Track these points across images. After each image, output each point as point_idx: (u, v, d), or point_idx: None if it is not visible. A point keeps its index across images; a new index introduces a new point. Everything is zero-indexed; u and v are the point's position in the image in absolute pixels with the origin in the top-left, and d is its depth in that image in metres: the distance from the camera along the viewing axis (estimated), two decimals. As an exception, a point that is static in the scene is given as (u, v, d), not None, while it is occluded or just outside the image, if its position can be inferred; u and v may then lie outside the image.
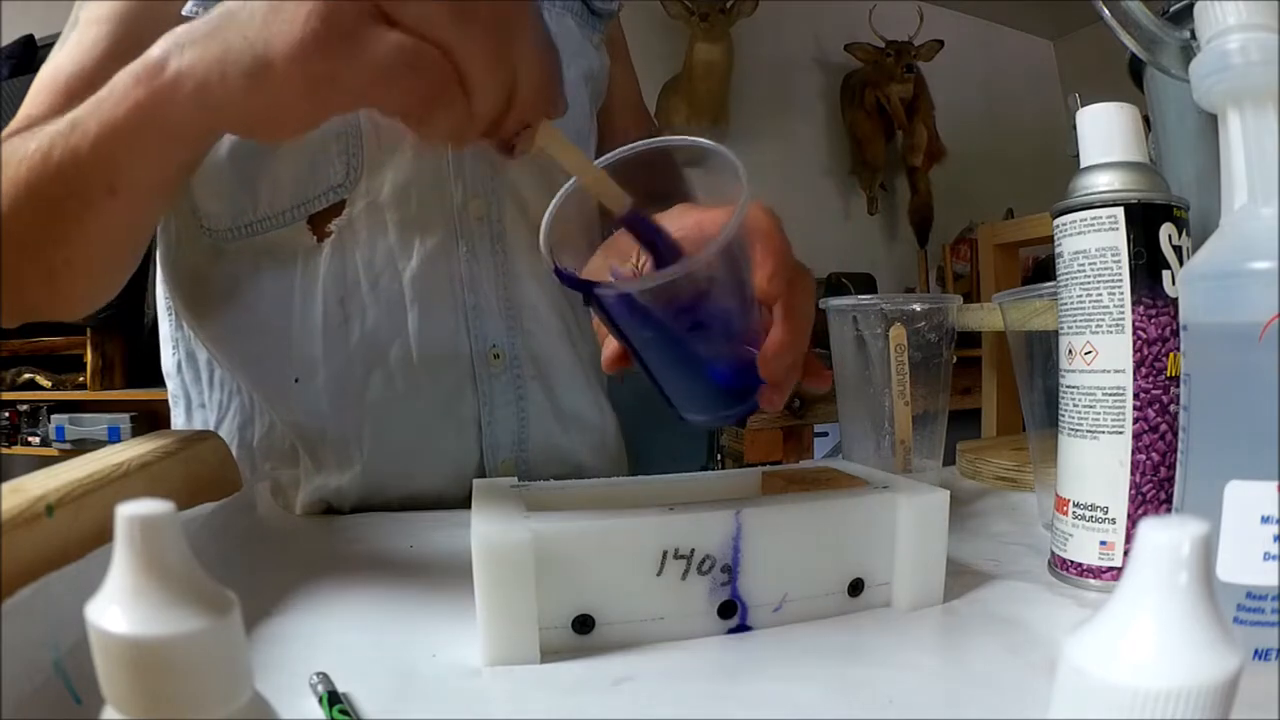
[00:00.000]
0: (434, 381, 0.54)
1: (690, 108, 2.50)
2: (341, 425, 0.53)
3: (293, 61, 0.28)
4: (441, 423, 0.55)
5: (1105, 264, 0.34)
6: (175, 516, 0.16)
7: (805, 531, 0.32)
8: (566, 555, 0.29)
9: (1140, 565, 0.16)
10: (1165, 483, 0.34)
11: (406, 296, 0.53)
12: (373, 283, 0.53)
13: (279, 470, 0.55)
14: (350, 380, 0.53)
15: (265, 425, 0.56)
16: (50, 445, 1.84)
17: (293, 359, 0.52)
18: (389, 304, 0.53)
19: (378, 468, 0.54)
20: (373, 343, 0.53)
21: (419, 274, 0.53)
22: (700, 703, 0.26)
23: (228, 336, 0.54)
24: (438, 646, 0.30)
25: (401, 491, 0.55)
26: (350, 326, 0.52)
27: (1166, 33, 0.38)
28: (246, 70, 0.29)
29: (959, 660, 0.30)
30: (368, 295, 0.53)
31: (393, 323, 0.53)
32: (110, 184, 0.37)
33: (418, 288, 0.53)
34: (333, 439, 0.53)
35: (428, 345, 0.53)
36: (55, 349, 1.90)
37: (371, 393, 0.53)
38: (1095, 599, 0.34)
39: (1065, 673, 0.16)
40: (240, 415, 0.56)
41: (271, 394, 0.54)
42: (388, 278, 0.53)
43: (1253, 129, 0.28)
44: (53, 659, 0.23)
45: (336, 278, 0.52)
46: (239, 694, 0.17)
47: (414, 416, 0.54)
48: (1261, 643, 0.26)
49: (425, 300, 0.53)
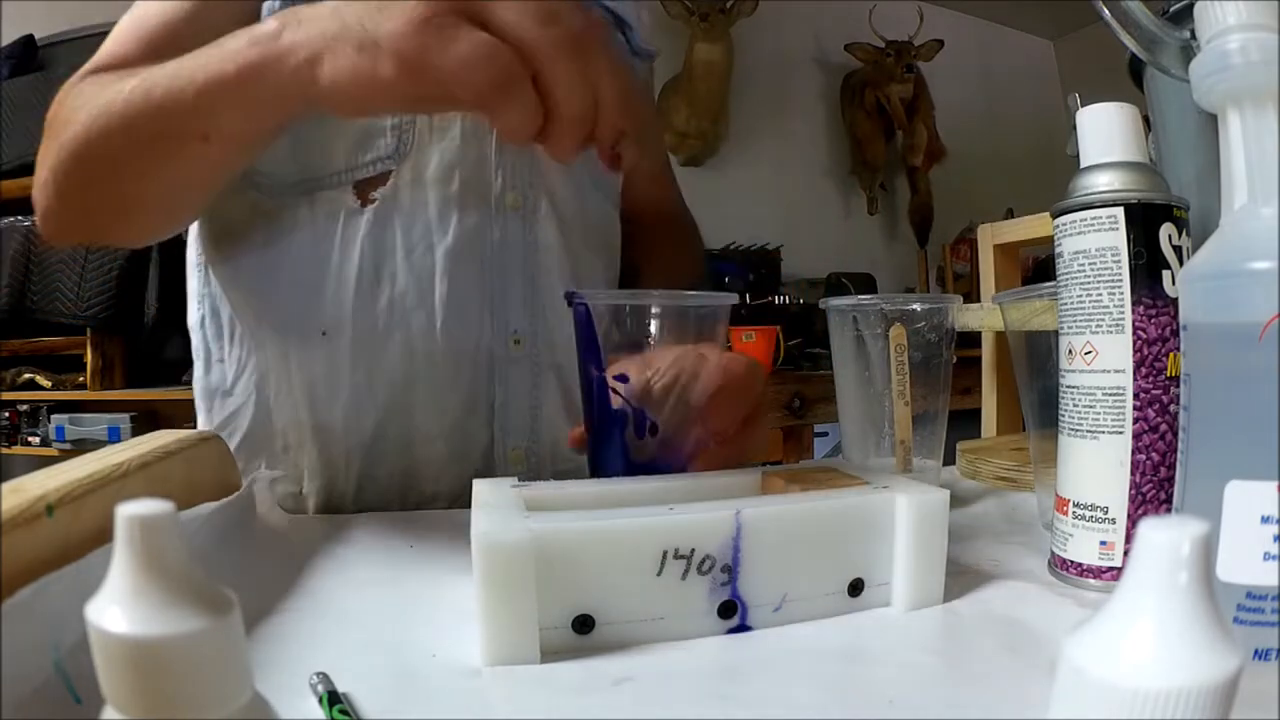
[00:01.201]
0: (453, 354, 0.56)
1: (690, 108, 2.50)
2: (357, 383, 0.55)
3: (394, 42, 0.33)
4: (455, 396, 0.56)
5: (1105, 264, 0.34)
6: (175, 516, 0.16)
7: (805, 531, 0.32)
8: (566, 555, 0.29)
9: (1140, 565, 0.16)
10: (1165, 483, 0.34)
11: (438, 270, 0.55)
12: (408, 251, 0.55)
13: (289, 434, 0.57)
14: (373, 339, 0.55)
15: (282, 383, 0.57)
16: (50, 445, 1.84)
17: (323, 313, 0.55)
18: (420, 274, 0.55)
19: (387, 432, 0.56)
20: (400, 307, 0.55)
21: (452, 250, 0.55)
22: (700, 703, 0.26)
23: (261, 287, 0.56)
24: (438, 646, 0.30)
25: (406, 461, 0.56)
26: (381, 289, 0.55)
27: (1166, 33, 0.38)
28: (355, 46, 0.34)
29: (959, 660, 0.30)
30: (401, 263, 0.55)
31: (421, 291, 0.55)
32: (205, 131, 0.41)
33: (449, 263, 0.55)
34: (347, 397, 0.55)
35: (452, 319, 0.56)
36: (55, 349, 1.90)
37: (390, 355, 0.55)
38: (1095, 599, 0.34)
39: (1065, 673, 0.16)
40: (258, 372, 0.57)
41: (298, 345, 0.56)
42: (422, 249, 0.55)
43: (1253, 129, 0.28)
44: (53, 659, 0.23)
45: (374, 242, 0.55)
46: (239, 694, 0.17)
47: (430, 386, 0.56)
48: (1261, 643, 0.26)
49: (455, 276, 0.55)
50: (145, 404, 1.85)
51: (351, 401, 0.55)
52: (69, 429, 1.82)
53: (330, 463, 0.56)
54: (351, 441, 0.56)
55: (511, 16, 0.33)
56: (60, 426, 1.83)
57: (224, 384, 0.59)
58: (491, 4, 0.33)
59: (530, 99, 0.33)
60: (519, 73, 0.32)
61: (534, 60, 0.33)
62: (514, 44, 0.32)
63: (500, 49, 0.32)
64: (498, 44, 0.32)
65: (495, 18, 0.33)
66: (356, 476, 0.56)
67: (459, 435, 0.57)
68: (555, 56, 0.33)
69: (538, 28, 0.33)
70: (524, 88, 0.33)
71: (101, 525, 0.27)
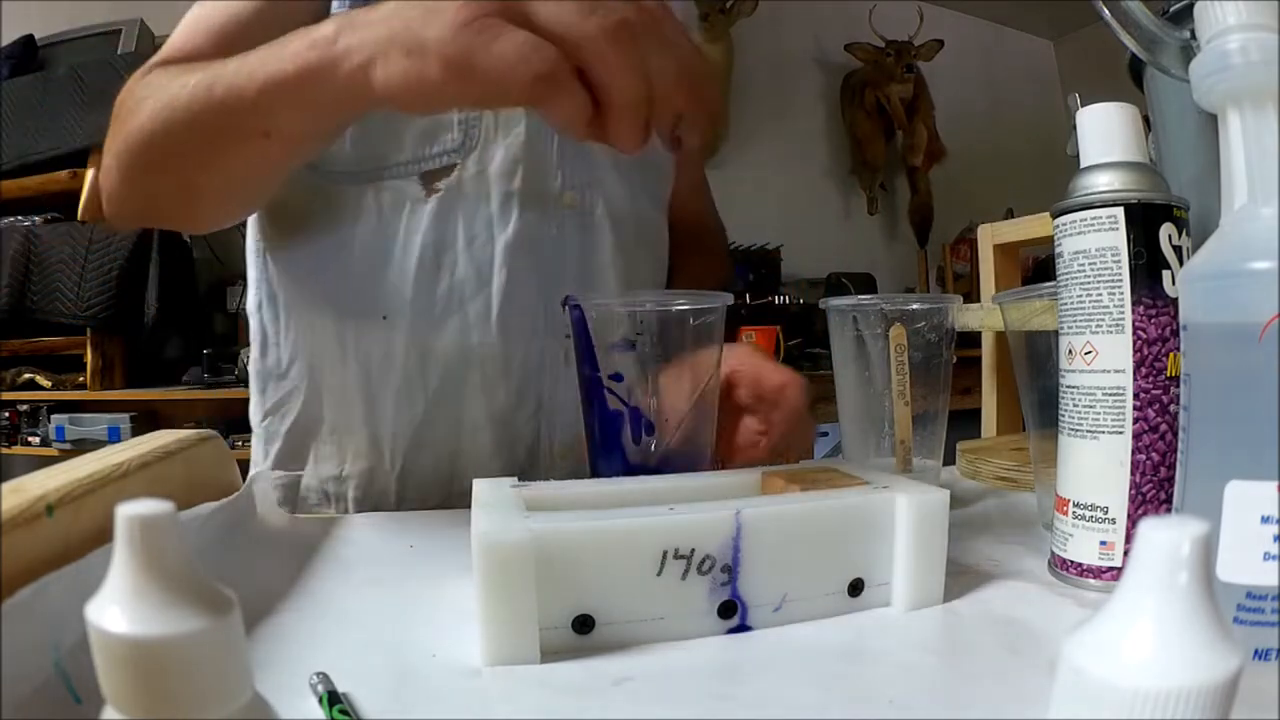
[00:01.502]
0: (506, 344, 0.57)
1: (690, 108, 2.50)
2: (409, 366, 0.57)
3: (439, 45, 0.34)
4: (505, 386, 0.58)
5: (1105, 264, 0.34)
6: (175, 516, 0.16)
7: (805, 531, 0.32)
8: (566, 555, 0.29)
9: (1140, 565, 0.16)
10: (1165, 483, 0.34)
11: (497, 260, 0.57)
12: (469, 241, 0.57)
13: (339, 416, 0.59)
14: (429, 324, 0.56)
15: (336, 366, 0.58)
16: (50, 445, 1.84)
17: (383, 298, 0.56)
18: (480, 263, 0.57)
19: (436, 418, 0.57)
20: (458, 294, 0.57)
21: (512, 244, 0.57)
22: (700, 703, 0.26)
23: (322, 271, 0.58)
24: (438, 646, 0.30)
25: (452, 450, 0.58)
26: (440, 276, 0.56)
27: (1166, 33, 0.38)
28: (404, 50, 0.35)
29: (959, 660, 0.30)
30: (462, 253, 0.57)
31: (480, 279, 0.57)
32: (265, 128, 0.42)
33: (508, 255, 0.57)
34: (399, 380, 0.57)
35: (507, 308, 0.57)
36: (55, 349, 1.90)
37: (445, 340, 0.57)
38: (1095, 599, 0.34)
39: (1065, 673, 0.16)
40: (311, 356, 0.59)
41: (355, 328, 0.57)
42: (483, 240, 0.57)
43: (1253, 129, 0.28)
44: (53, 659, 0.23)
45: (437, 231, 0.56)
46: (239, 694, 0.17)
47: (481, 374, 0.57)
48: (1261, 643, 0.26)
49: (513, 268, 0.57)
50: (145, 404, 1.85)
51: (403, 384, 0.57)
52: (69, 429, 1.82)
53: (376, 446, 0.58)
54: (400, 424, 0.57)
55: (551, 12, 0.33)
56: (60, 426, 1.83)
57: (279, 367, 0.61)
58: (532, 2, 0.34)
59: (576, 92, 0.33)
60: (561, 67, 0.33)
61: (578, 53, 0.33)
62: (557, 39, 0.33)
63: (541, 45, 0.33)
64: (539, 41, 0.33)
65: (536, 15, 0.34)
66: (401, 460, 0.58)
67: (505, 428, 0.58)
68: (599, 47, 0.33)
69: (579, 20, 0.33)
70: (568, 81, 0.33)
71: (101, 525, 0.27)
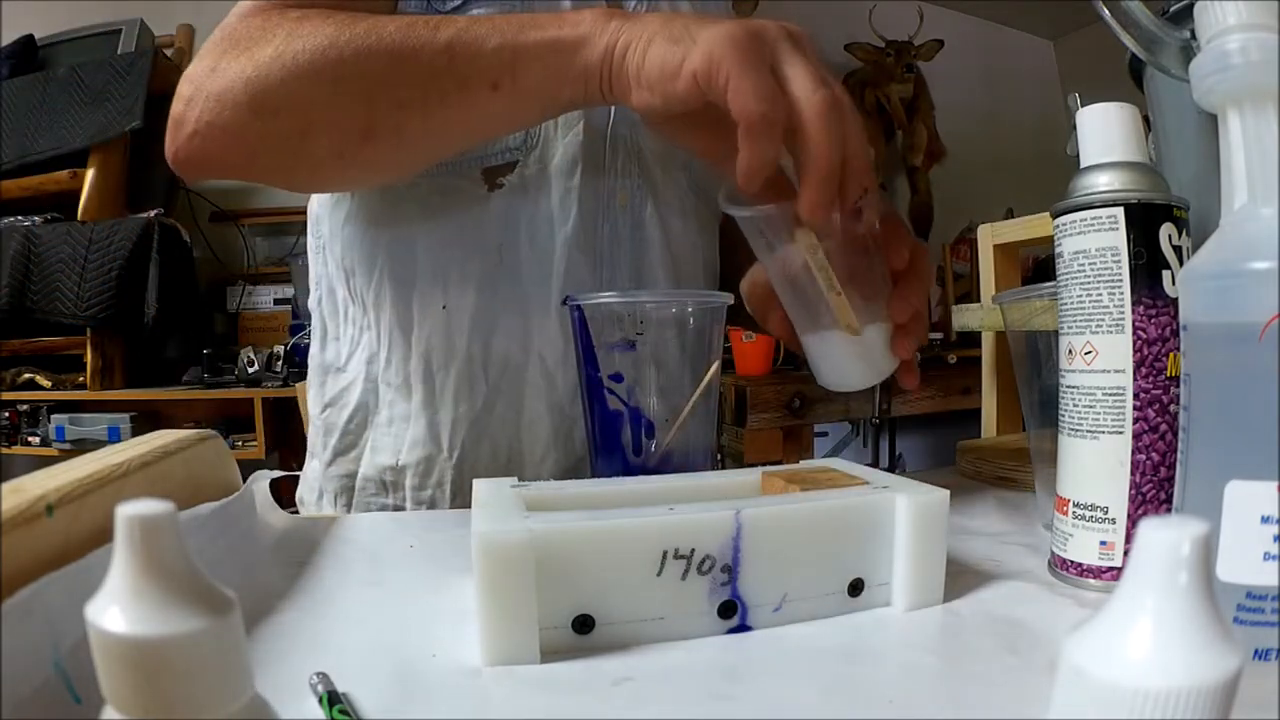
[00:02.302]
0: (565, 336, 0.58)
1: (690, 108, 2.50)
2: (469, 359, 0.58)
3: (708, 42, 0.37)
4: (563, 381, 0.59)
5: (1105, 264, 0.34)
6: (175, 516, 0.16)
7: (805, 531, 0.32)
8: (566, 555, 0.29)
9: (1140, 565, 0.16)
10: (1165, 483, 0.34)
11: (557, 253, 0.58)
12: (531, 236, 0.58)
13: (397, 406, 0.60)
14: (492, 315, 0.58)
15: (394, 357, 0.59)
16: (50, 445, 1.84)
17: (446, 287, 0.58)
18: (541, 256, 0.58)
19: (492, 405, 0.58)
20: (520, 284, 0.58)
21: (571, 239, 0.58)
22: (700, 703, 0.26)
23: (384, 263, 0.59)
24: (438, 646, 0.30)
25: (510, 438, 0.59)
26: (504, 268, 0.58)
27: (1166, 33, 0.38)
28: (672, 40, 0.39)
29: (959, 660, 0.30)
30: (525, 246, 0.58)
31: (542, 271, 0.58)
32: (495, 81, 0.43)
33: (568, 248, 0.58)
34: (458, 370, 0.58)
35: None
36: (55, 349, 1.90)
37: (505, 332, 0.58)
38: (1095, 599, 0.34)
39: (1065, 673, 0.16)
40: (368, 349, 0.60)
41: (417, 317, 0.58)
42: (544, 235, 0.58)
43: (1253, 129, 0.28)
44: (53, 659, 0.23)
45: (501, 225, 0.57)
46: (239, 694, 0.17)
47: (539, 367, 0.59)
48: (1261, 643, 0.26)
49: (572, 261, 0.58)
50: (145, 404, 1.85)
51: (464, 374, 0.58)
52: (69, 429, 1.82)
53: (435, 435, 0.58)
54: (460, 413, 0.58)
55: (798, 72, 0.38)
56: (60, 426, 1.83)
57: (338, 360, 0.62)
58: (787, 55, 0.38)
59: (776, 148, 0.37)
60: (781, 122, 0.37)
61: (800, 117, 0.37)
62: (790, 96, 0.37)
63: (779, 95, 0.37)
64: (778, 90, 0.37)
65: (783, 68, 0.38)
66: (459, 450, 0.58)
67: (563, 418, 0.59)
68: (820, 118, 0.37)
69: (812, 87, 0.37)
70: (778, 137, 0.37)
71: (101, 525, 0.27)
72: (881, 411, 1.63)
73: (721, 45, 0.37)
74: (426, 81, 0.44)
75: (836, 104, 0.37)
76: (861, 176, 0.39)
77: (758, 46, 0.37)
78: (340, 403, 0.62)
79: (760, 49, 0.38)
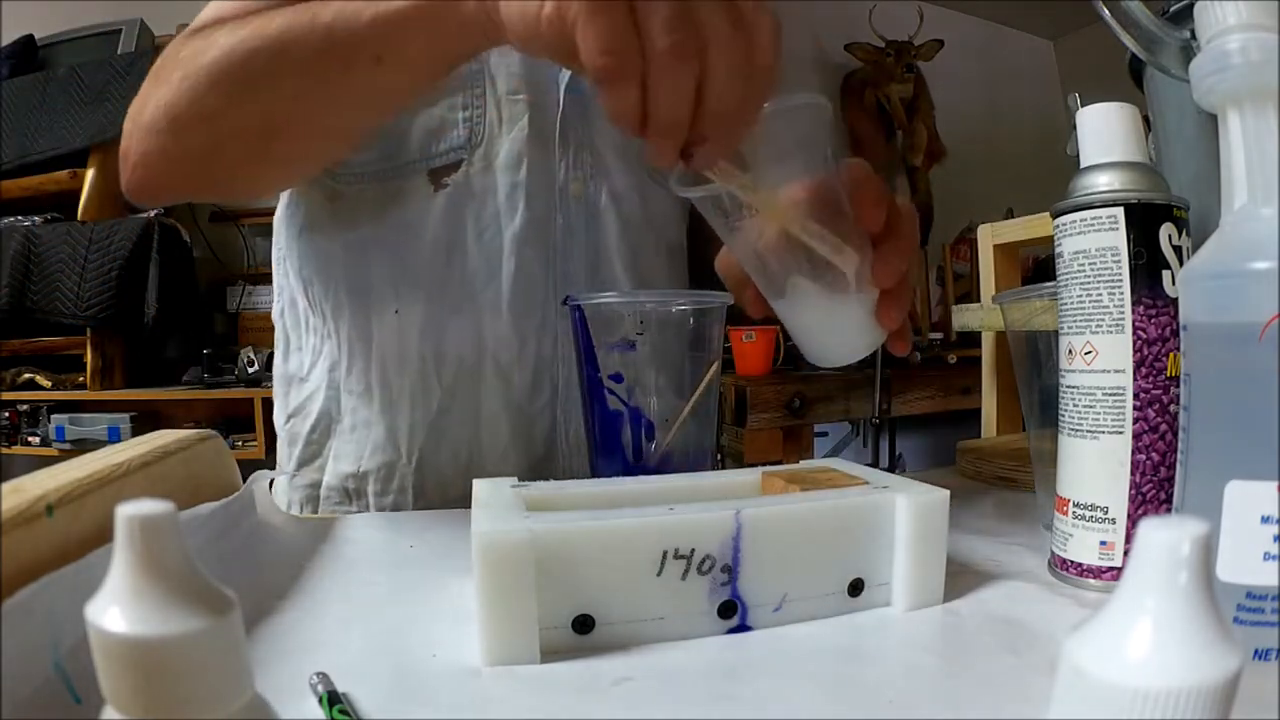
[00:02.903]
0: (517, 336, 0.58)
1: (690, 108, 2.49)
2: (425, 361, 0.58)
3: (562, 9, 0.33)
4: (519, 378, 0.59)
5: (1105, 264, 0.34)
6: (175, 516, 0.16)
7: (805, 531, 0.32)
8: (566, 555, 0.29)
9: (1140, 565, 0.16)
10: (1165, 483, 0.34)
11: (505, 250, 0.58)
12: (478, 235, 0.58)
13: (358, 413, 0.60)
14: (442, 315, 0.57)
15: (354, 363, 0.59)
16: (50, 445, 1.84)
17: (398, 292, 0.58)
18: (490, 254, 0.58)
19: (452, 409, 0.58)
20: (470, 285, 0.58)
21: (519, 235, 0.58)
22: (700, 703, 0.26)
23: (337, 272, 0.59)
24: (438, 646, 0.30)
25: (469, 439, 0.59)
26: (452, 268, 0.57)
27: (1166, 33, 0.38)
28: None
29: (959, 660, 0.30)
30: (472, 245, 0.58)
31: (490, 269, 0.58)
32: (378, 53, 0.41)
33: (516, 245, 0.58)
34: (412, 375, 0.58)
35: (518, 296, 0.58)
36: (55, 349, 1.90)
37: (457, 332, 0.58)
38: (1095, 599, 0.34)
39: (1065, 673, 0.16)
40: (329, 358, 0.61)
41: (372, 323, 0.58)
42: (492, 231, 0.58)
43: (1253, 129, 0.28)
44: (53, 659, 0.23)
45: (447, 225, 0.57)
46: (239, 694, 0.17)
47: (494, 365, 0.58)
48: (1261, 643, 0.26)
49: (522, 257, 0.58)
50: (145, 404, 1.85)
51: (419, 378, 0.58)
52: (69, 429, 1.82)
53: (394, 440, 0.58)
54: (416, 417, 0.58)
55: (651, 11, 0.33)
56: (60, 426, 1.83)
57: (300, 370, 0.63)
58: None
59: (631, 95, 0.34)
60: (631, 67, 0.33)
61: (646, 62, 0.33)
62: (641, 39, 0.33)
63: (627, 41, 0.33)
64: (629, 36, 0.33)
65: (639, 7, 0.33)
66: (419, 454, 0.58)
67: (522, 417, 0.59)
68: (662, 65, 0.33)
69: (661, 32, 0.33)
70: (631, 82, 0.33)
71: (101, 525, 0.27)
72: (881, 411, 1.63)
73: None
74: (311, 68, 0.43)
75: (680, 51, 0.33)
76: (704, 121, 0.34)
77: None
78: (304, 412, 0.62)
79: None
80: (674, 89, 0.33)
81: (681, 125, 0.34)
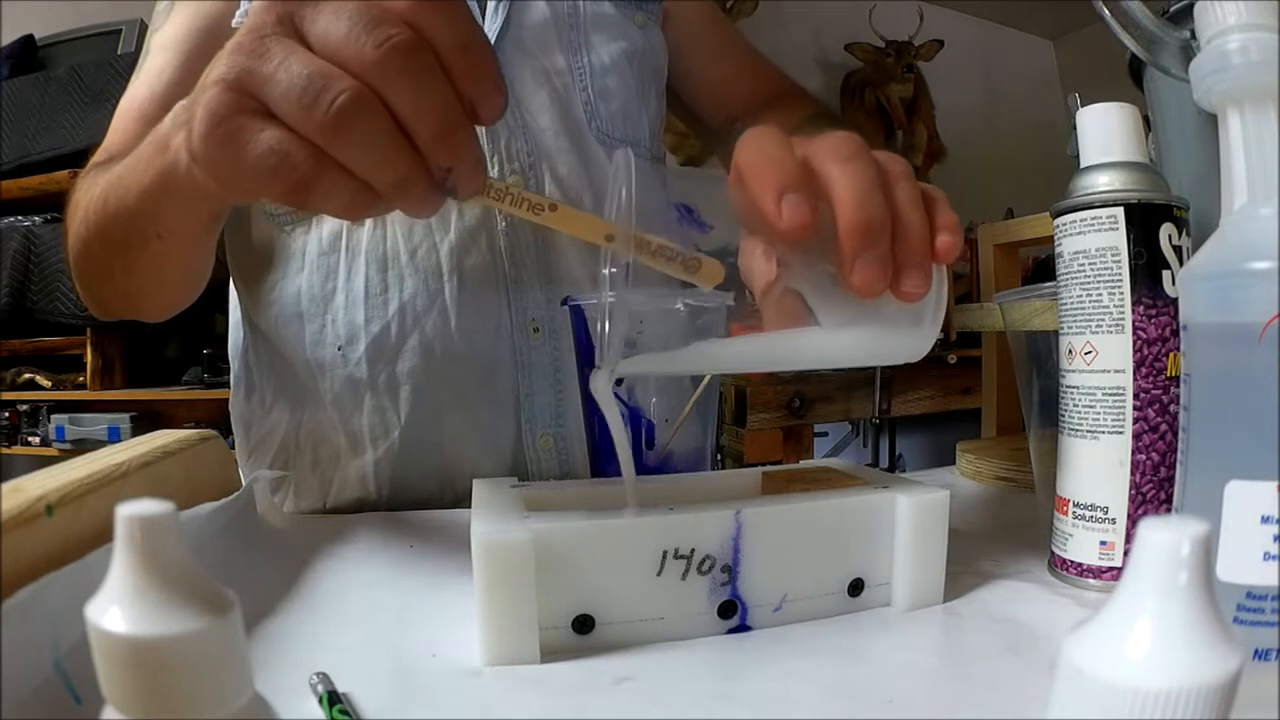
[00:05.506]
0: (471, 351, 0.56)
1: (690, 108, 2.49)
2: (379, 394, 0.56)
3: (203, 157, 0.28)
4: (479, 393, 0.56)
5: (1105, 264, 0.34)
6: (175, 516, 0.16)
7: (805, 531, 0.32)
8: (566, 555, 0.29)
9: (1140, 565, 0.16)
10: (1165, 483, 0.34)
11: (444, 267, 0.55)
12: (411, 253, 0.55)
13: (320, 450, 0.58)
14: (387, 347, 0.55)
15: (310, 401, 0.58)
16: (50, 445, 1.84)
17: (338, 328, 0.56)
18: (426, 274, 0.55)
19: (414, 438, 0.56)
20: (410, 311, 0.55)
21: (457, 245, 0.55)
22: (700, 703, 0.26)
23: (281, 311, 0.57)
24: (438, 646, 0.30)
25: (437, 464, 0.57)
26: (390, 295, 0.55)
27: (1166, 33, 0.38)
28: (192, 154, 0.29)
29: (959, 660, 0.30)
30: (406, 266, 0.55)
31: (429, 292, 0.55)
32: (156, 231, 0.42)
33: (456, 259, 0.55)
34: (370, 408, 0.56)
35: (465, 315, 0.55)
36: (55, 349, 1.90)
37: (407, 360, 0.55)
38: (1095, 599, 0.34)
39: (1065, 673, 0.16)
40: (289, 394, 0.59)
41: (320, 363, 0.56)
42: (425, 249, 0.55)
43: (1253, 129, 0.28)
44: (53, 659, 0.23)
45: (378, 248, 0.55)
46: (239, 694, 0.17)
47: (451, 386, 0.56)
48: (1261, 643, 0.26)
49: (463, 271, 0.55)
50: (145, 404, 1.85)
51: (375, 410, 0.56)
52: (69, 429, 1.82)
53: (362, 476, 0.57)
54: (379, 451, 0.56)
55: (326, 33, 0.26)
56: (60, 426, 1.83)
57: (262, 406, 0.61)
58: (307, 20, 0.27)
59: (343, 189, 0.28)
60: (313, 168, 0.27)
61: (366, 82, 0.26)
62: (341, 63, 0.26)
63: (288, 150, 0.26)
64: (286, 143, 0.26)
65: (315, 31, 0.27)
66: (389, 484, 0.57)
67: (488, 432, 0.57)
68: (383, 73, 0.26)
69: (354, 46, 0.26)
70: (325, 179, 0.27)
71: (101, 525, 0.27)
72: (881, 411, 1.63)
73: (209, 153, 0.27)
74: (120, 251, 0.46)
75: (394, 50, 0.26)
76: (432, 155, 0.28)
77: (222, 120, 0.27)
78: (265, 449, 0.60)
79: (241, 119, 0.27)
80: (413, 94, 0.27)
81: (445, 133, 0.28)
